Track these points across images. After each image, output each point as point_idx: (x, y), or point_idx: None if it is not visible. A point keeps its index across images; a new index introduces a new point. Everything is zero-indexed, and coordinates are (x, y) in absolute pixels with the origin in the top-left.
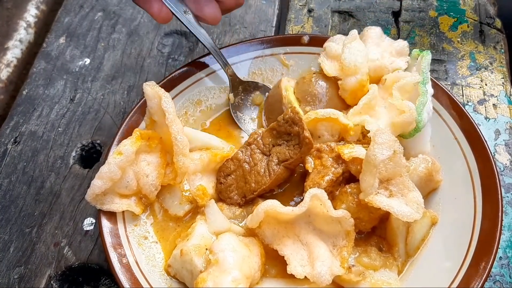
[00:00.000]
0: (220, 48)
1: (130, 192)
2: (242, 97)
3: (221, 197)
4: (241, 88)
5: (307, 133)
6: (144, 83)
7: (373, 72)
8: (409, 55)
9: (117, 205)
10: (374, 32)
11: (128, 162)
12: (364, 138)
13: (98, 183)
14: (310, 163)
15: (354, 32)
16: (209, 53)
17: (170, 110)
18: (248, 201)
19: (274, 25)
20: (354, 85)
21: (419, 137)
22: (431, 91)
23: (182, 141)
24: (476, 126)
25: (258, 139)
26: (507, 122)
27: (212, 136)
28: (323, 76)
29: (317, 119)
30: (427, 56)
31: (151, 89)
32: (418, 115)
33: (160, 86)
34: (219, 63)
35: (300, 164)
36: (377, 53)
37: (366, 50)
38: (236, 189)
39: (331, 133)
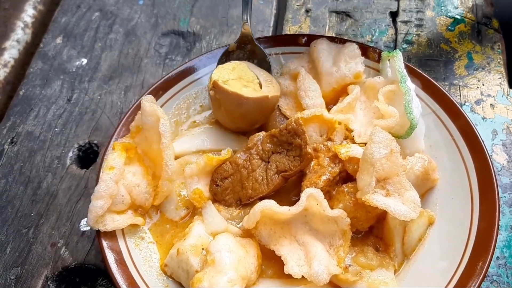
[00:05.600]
0: (217, 48)
1: (126, 206)
2: (241, 55)
3: (215, 198)
4: (249, 48)
5: (309, 149)
6: (143, 98)
7: (335, 83)
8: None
9: (120, 221)
10: (322, 44)
11: (120, 175)
12: (346, 138)
13: (98, 204)
14: None
15: (302, 70)
16: (205, 53)
17: (166, 134)
18: (243, 205)
19: (271, 25)
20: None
21: (413, 135)
22: (412, 86)
23: (172, 167)
24: (473, 126)
25: (258, 143)
26: (504, 122)
27: (204, 141)
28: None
29: (303, 120)
30: (398, 56)
31: (150, 106)
32: (409, 113)
33: (157, 86)
34: (243, 13)
35: None
36: (333, 65)
37: (317, 85)
38: (232, 193)
39: (319, 133)
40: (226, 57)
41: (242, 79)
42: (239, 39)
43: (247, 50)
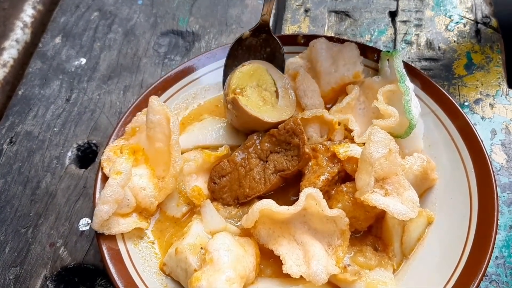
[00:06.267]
0: (216, 48)
1: (131, 209)
2: (254, 42)
3: (213, 196)
4: (263, 37)
5: (307, 149)
6: (151, 96)
7: (334, 83)
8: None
9: (124, 225)
10: (321, 44)
11: (128, 180)
12: (345, 138)
13: (104, 209)
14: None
15: (301, 69)
16: (204, 53)
17: (176, 131)
18: (241, 203)
19: (270, 24)
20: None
21: (412, 135)
22: (411, 86)
23: (179, 164)
24: (472, 126)
25: (256, 142)
26: (503, 122)
27: (202, 137)
28: None
29: (304, 120)
30: (397, 55)
31: (159, 105)
32: (408, 112)
33: (156, 86)
34: (264, 5)
35: None
36: (332, 65)
37: (316, 85)
38: (230, 191)
39: (319, 134)
40: (238, 44)
41: (260, 87)
42: (255, 28)
43: (261, 38)
